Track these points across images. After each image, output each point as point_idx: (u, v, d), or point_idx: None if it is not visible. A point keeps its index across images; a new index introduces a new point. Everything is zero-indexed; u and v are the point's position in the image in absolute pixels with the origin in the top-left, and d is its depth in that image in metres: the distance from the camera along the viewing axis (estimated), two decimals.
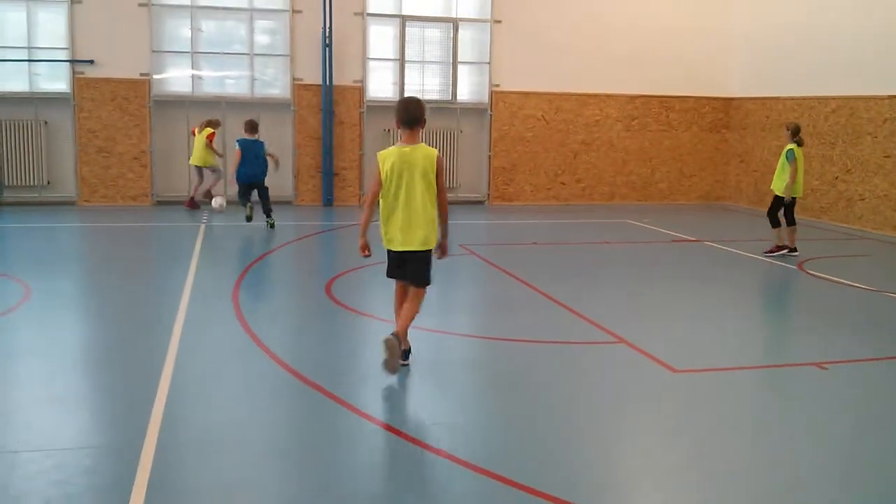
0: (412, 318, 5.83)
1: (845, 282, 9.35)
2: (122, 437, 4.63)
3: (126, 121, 14.61)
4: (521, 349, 6.63)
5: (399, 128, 5.81)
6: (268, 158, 12.48)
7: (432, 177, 5.71)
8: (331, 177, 15.38)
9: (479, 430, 4.92)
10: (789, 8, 15.77)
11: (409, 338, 5.96)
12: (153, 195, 14.89)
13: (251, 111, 15.14)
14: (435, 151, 5.77)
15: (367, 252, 5.91)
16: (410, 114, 5.72)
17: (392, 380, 5.71)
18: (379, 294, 8.62)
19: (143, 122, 14.68)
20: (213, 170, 14.42)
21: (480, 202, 16.30)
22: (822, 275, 9.76)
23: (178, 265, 9.37)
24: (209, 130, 14.09)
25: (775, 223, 11.19)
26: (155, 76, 14.74)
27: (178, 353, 6.07)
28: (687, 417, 5.16)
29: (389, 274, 6.01)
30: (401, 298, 6.01)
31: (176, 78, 15.04)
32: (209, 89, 15.17)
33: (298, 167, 15.43)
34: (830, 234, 13.27)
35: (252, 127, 12.29)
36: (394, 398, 5.40)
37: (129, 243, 11.35)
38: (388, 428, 4.76)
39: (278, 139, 15.31)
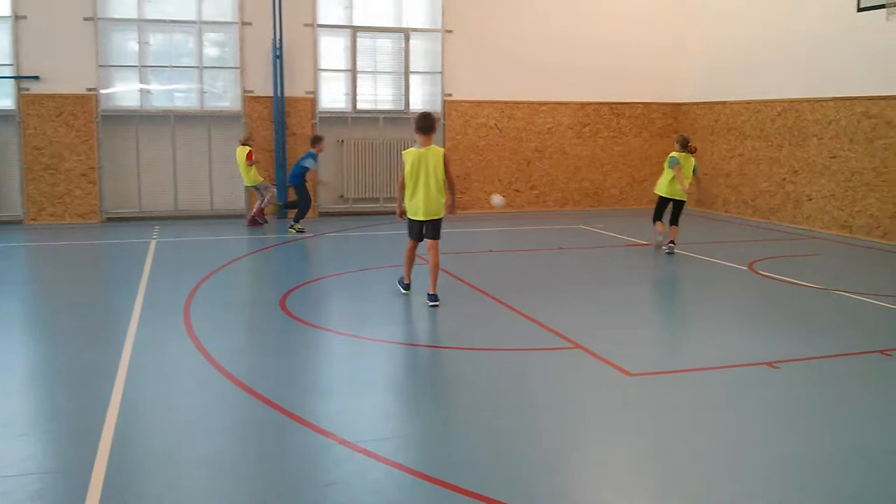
0: (437, 271, 8.37)
1: (795, 281, 9.53)
2: (72, 459, 4.52)
3: (73, 137, 14.35)
4: (477, 357, 6.63)
5: (417, 133, 8.22)
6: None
7: (441, 168, 8.13)
8: (284, 189, 15.25)
9: (437, 441, 4.90)
10: (736, 15, 16.07)
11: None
12: (102, 212, 14.64)
13: (201, 124, 15.01)
14: (442, 150, 8.21)
15: (403, 217, 8.44)
16: (425, 123, 8.12)
17: (349, 394, 5.68)
18: (334, 307, 8.58)
19: (90, 138, 14.43)
20: (265, 187, 14.21)
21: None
22: (772, 275, 9.92)
23: (128, 282, 9.21)
24: (245, 149, 13.85)
25: (657, 220, 11.70)
26: (102, 91, 14.51)
27: (129, 371, 5.96)
28: (642, 421, 5.19)
29: (413, 236, 8.43)
30: (411, 255, 8.60)
31: (124, 92, 14.82)
32: (158, 103, 14.97)
33: None
34: (779, 235, 13.51)
35: (315, 140, 13.74)
36: (349, 412, 5.36)
37: (78, 262, 11.13)
38: (345, 443, 4.71)
39: (230, 152, 15.18)
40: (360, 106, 15.92)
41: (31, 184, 14.23)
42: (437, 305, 8.21)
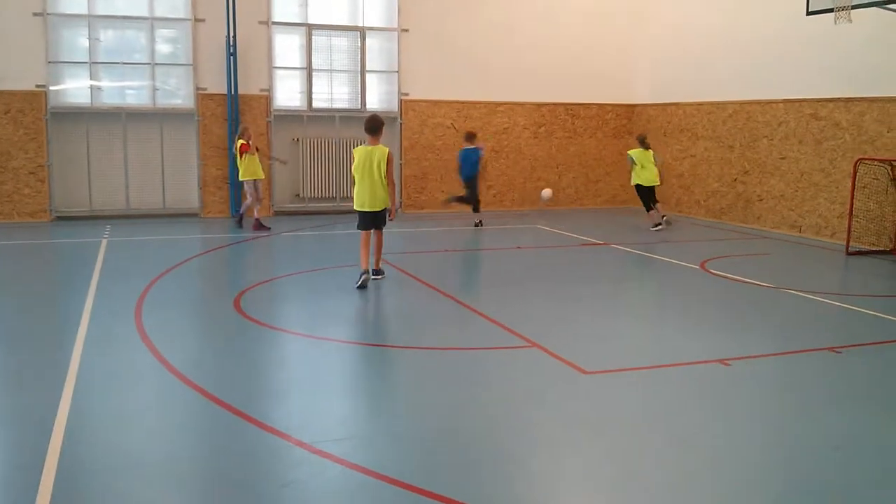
0: (381, 251, 9.35)
1: (746, 280, 9.69)
2: (20, 464, 4.42)
3: (21, 134, 14.04)
4: (434, 357, 6.63)
5: (366, 133, 9.06)
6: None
7: (383, 166, 8.94)
8: (239, 187, 15.08)
9: (396, 441, 4.88)
10: (689, 18, 16.30)
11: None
12: (52, 211, 14.35)
13: (153, 122, 14.80)
14: (386, 149, 9.05)
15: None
16: (372, 125, 9.02)
17: (305, 395, 5.64)
18: (289, 307, 8.51)
19: (39, 136, 14.14)
20: (254, 184, 13.59)
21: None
22: (724, 273, 10.08)
23: (78, 283, 9.04)
24: (240, 143, 13.37)
25: (648, 208, 14.11)
26: (52, 88, 14.22)
27: (79, 375, 5.84)
28: (596, 419, 5.24)
29: (361, 227, 9.16)
30: (366, 242, 9.16)
31: (74, 89, 14.54)
32: (109, 100, 14.71)
33: (204, 178, 15.11)
34: (730, 234, 13.73)
35: (470, 137, 14.50)
36: (305, 413, 5.32)
37: (27, 262, 10.89)
38: (300, 444, 4.68)
39: (182, 150, 15.01)
40: (315, 104, 15.82)
41: None
42: (380, 278, 9.34)
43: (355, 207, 9.14)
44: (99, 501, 4.05)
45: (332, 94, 16.02)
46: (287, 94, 15.73)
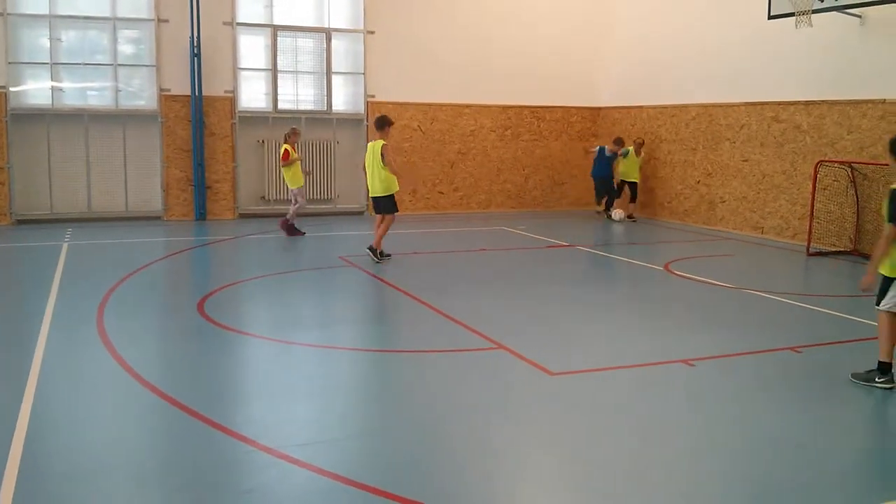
0: (382, 234, 10.76)
1: (709, 281, 9.79)
2: None
3: None
4: (401, 360, 6.62)
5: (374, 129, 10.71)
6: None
7: (378, 157, 10.51)
8: (203, 190, 14.97)
9: (362, 445, 4.86)
10: (653, 22, 16.45)
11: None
12: (12, 214, 14.11)
13: (116, 123, 14.62)
14: (382, 142, 10.60)
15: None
16: (376, 121, 10.85)
17: (271, 399, 5.60)
18: (254, 310, 8.45)
19: None
20: (296, 193, 13.25)
21: (360, 213, 16.23)
22: (688, 274, 10.18)
23: (38, 287, 8.89)
24: (282, 149, 13.06)
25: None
26: (12, 89, 14.00)
27: (39, 382, 5.74)
28: (563, 420, 5.26)
29: (374, 210, 11.05)
30: (377, 224, 10.86)
31: (35, 90, 14.32)
32: (71, 101, 14.51)
33: (167, 181, 14.95)
34: (694, 236, 13.88)
35: (618, 142, 15.96)
36: (270, 418, 5.28)
37: None
38: (265, 449, 4.64)
39: (146, 152, 14.84)
40: (281, 106, 15.73)
41: None
42: (374, 259, 10.62)
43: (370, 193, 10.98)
44: None
45: (298, 95, 15.94)
46: (252, 96, 15.62)
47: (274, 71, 15.57)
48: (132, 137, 14.80)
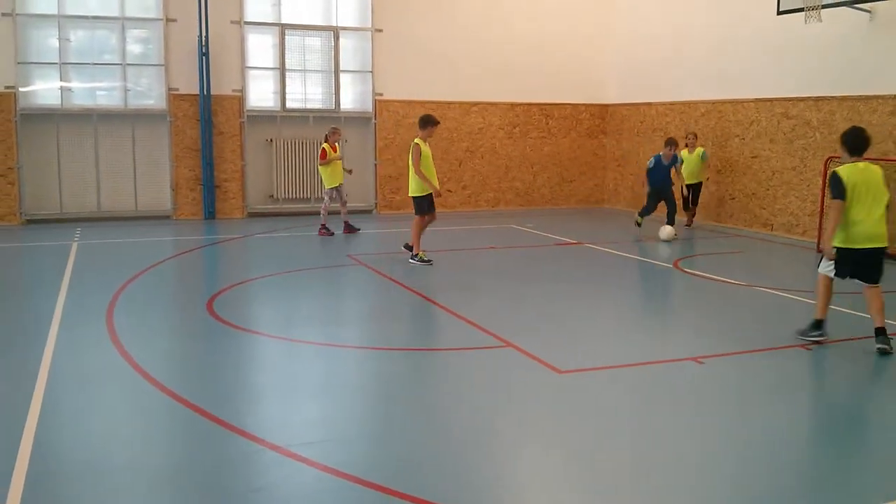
0: (415, 235, 10.57)
1: (719, 278, 9.75)
2: None
3: None
4: (411, 358, 6.61)
5: None
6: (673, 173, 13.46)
7: (410, 157, 10.38)
8: (212, 189, 15.00)
9: (369, 443, 4.86)
10: (661, 18, 16.39)
11: None
12: (22, 213, 14.17)
13: (124, 123, 14.65)
14: (415, 141, 10.31)
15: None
16: (418, 121, 10.53)
17: (279, 398, 5.61)
18: (263, 309, 8.46)
19: (8, 138, 13.94)
20: (329, 193, 13.15)
21: (368, 211, 16.23)
22: (697, 272, 10.14)
23: (48, 286, 8.92)
24: (322, 147, 13.04)
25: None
26: (21, 89, 14.04)
27: (49, 379, 5.76)
28: (571, 418, 5.24)
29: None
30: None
31: (44, 90, 14.37)
32: (80, 101, 14.54)
33: (177, 180, 14.98)
34: (703, 233, 13.82)
35: (670, 143, 13.30)
36: (278, 416, 5.28)
37: None
38: (273, 447, 4.64)
39: (155, 151, 14.88)
40: (289, 105, 15.75)
41: None
42: (406, 255, 10.66)
43: None
44: None
45: (306, 94, 15.95)
46: (260, 95, 15.63)
47: (282, 70, 15.58)
48: (141, 137, 14.84)
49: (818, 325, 6.88)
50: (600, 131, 17.99)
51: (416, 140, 10.32)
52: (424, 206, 10.48)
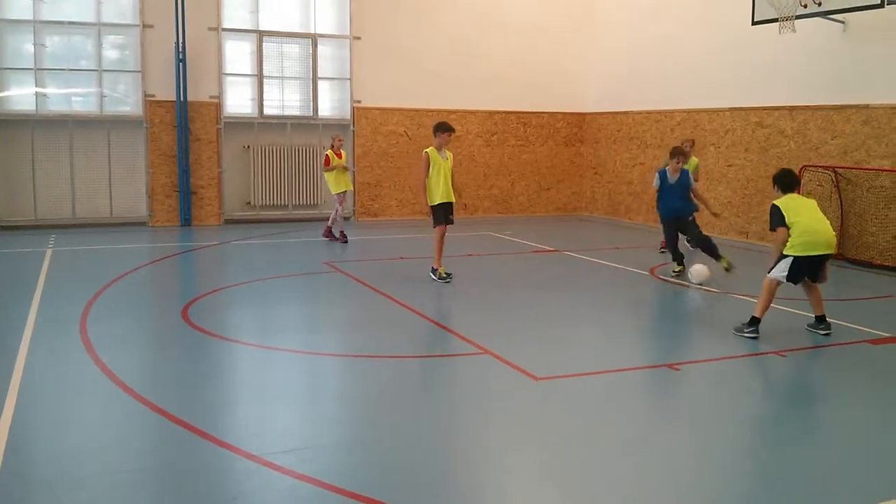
0: (436, 250, 9.97)
1: (694, 286, 9.81)
2: None
3: None
4: (387, 365, 6.59)
5: None
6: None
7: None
8: (188, 195, 14.92)
9: (347, 451, 4.84)
10: (636, 27, 16.52)
11: None
12: None
13: (100, 129, 14.55)
14: (427, 149, 9.77)
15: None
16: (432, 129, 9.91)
17: (255, 406, 5.57)
18: (239, 316, 8.41)
19: None
20: (336, 197, 13.13)
21: (346, 218, 16.18)
22: (673, 280, 10.19)
23: (21, 294, 8.82)
24: (326, 154, 13.08)
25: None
26: None
27: (21, 388, 5.69)
28: (548, 425, 5.25)
29: None
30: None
31: (18, 96, 14.23)
32: (55, 107, 14.42)
33: (152, 186, 14.89)
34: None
35: (676, 153, 10.50)
36: (254, 425, 5.25)
37: None
38: (249, 456, 4.61)
39: (130, 157, 14.78)
40: (266, 111, 15.71)
41: None
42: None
43: None
44: None
45: (284, 101, 15.92)
46: (237, 101, 15.59)
47: (260, 76, 15.54)
48: (117, 143, 14.74)
49: (755, 322, 7.33)
50: (577, 140, 18.08)
51: (428, 149, 9.80)
52: (438, 215, 9.86)
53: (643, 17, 16.32)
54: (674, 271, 10.53)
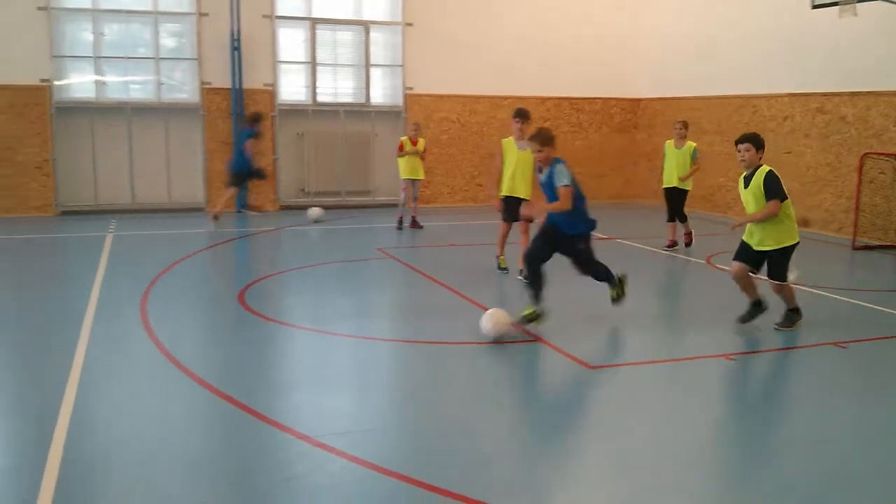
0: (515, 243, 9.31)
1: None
2: (24, 457, 4.43)
3: (26, 128, 14.06)
4: (438, 351, 6.62)
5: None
6: None
7: None
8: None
9: (398, 435, 4.88)
10: (693, 10, 16.23)
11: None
12: (57, 205, 14.37)
13: (158, 116, 14.80)
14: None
15: None
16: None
17: (309, 389, 5.64)
18: (293, 301, 8.51)
19: (44, 130, 14.15)
20: (402, 184, 13.24)
21: (397, 205, 16.23)
22: (729, 268, 10.02)
23: (83, 277, 9.05)
24: (400, 140, 13.24)
25: (683, 218, 11.64)
26: (56, 82, 14.24)
27: (83, 368, 5.85)
28: (602, 414, 5.23)
29: None
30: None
31: (79, 84, 14.56)
32: (114, 95, 14.72)
33: (209, 173, 15.11)
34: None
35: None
36: (309, 407, 5.32)
37: (32, 256, 10.89)
38: (303, 437, 4.67)
39: (188, 144, 15.02)
40: (320, 98, 15.82)
41: None
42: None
43: None
44: (101, 494, 4.06)
45: (337, 88, 16.02)
46: (291, 89, 15.72)
47: (313, 64, 15.65)
48: (174, 130, 14.99)
49: (797, 311, 7.13)
50: (632, 126, 17.87)
51: (507, 138, 9.29)
52: (503, 210, 9.18)
53: (699, 0, 16.02)
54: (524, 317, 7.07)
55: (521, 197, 9.05)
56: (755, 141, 7.03)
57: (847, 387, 5.86)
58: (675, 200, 11.56)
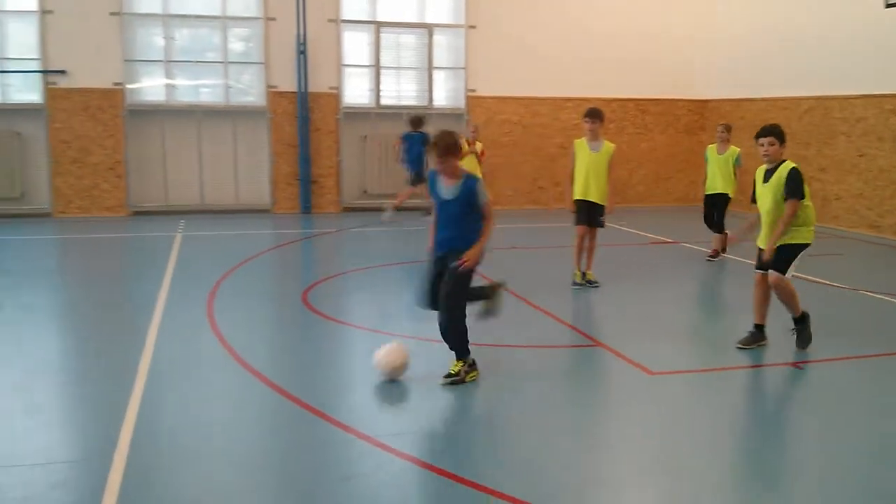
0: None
1: (820, 280, 9.41)
2: (94, 449, 4.57)
3: (100, 131, 14.49)
4: (498, 354, 6.61)
5: None
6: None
7: None
8: (308, 184, 15.31)
9: (457, 436, 4.90)
10: (763, 11, 15.90)
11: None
12: (129, 205, 14.77)
13: (226, 119, 15.10)
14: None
15: None
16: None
17: (368, 388, 5.69)
18: (356, 301, 8.60)
19: (117, 132, 14.57)
20: None
21: None
22: (798, 274, 9.78)
23: (152, 276, 9.28)
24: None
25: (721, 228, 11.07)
26: (128, 85, 14.64)
27: (151, 364, 6.00)
28: (662, 420, 5.16)
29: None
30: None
31: (149, 87, 14.95)
32: (183, 98, 15.08)
33: (276, 175, 15.36)
34: None
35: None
36: (369, 407, 5.37)
37: (104, 255, 11.24)
38: (364, 437, 4.72)
39: (255, 146, 15.28)
40: (383, 101, 15.94)
41: (59, 177, 14.39)
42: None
43: None
44: (167, 486, 4.16)
45: (400, 91, 16.12)
46: (356, 92, 15.87)
47: (377, 67, 15.78)
48: (242, 132, 15.28)
49: (805, 319, 6.66)
50: (699, 128, 17.57)
51: (580, 139, 9.09)
52: (576, 213, 8.87)
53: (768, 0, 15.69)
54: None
55: (594, 201, 8.78)
56: (778, 134, 6.48)
57: None
58: (717, 208, 11.08)
